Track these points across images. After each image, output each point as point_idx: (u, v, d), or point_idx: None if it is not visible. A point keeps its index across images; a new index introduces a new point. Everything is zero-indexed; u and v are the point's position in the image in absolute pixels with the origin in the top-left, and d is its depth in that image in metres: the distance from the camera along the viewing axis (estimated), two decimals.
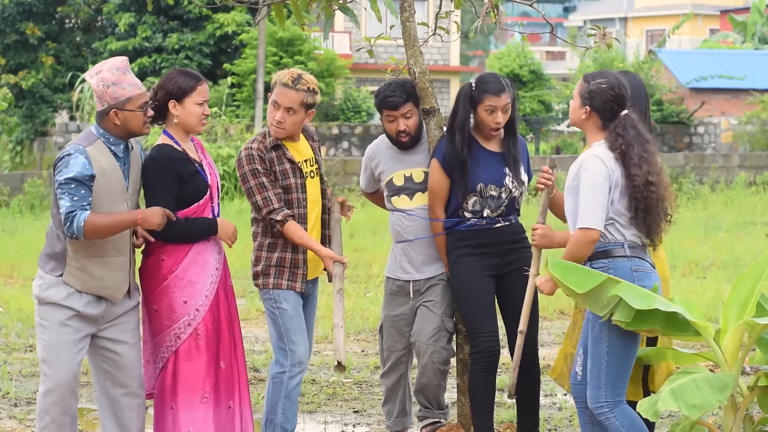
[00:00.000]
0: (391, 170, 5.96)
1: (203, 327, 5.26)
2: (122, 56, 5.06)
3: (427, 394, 5.96)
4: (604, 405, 4.85)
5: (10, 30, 28.46)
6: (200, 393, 5.26)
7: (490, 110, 5.61)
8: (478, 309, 5.65)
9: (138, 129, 5.01)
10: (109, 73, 4.95)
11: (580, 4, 70.29)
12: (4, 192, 20.68)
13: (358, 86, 32.56)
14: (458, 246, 5.71)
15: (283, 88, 5.53)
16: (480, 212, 5.68)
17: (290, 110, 5.53)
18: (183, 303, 5.24)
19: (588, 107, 4.95)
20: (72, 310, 4.97)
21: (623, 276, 4.85)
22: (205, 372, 5.27)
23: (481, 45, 61.40)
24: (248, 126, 24.30)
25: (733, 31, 43.26)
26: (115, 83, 4.93)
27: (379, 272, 12.49)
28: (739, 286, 4.90)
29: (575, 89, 5.02)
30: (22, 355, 8.70)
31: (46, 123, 29.11)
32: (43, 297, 4.98)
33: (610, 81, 4.95)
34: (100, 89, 4.93)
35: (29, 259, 13.47)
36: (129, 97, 4.95)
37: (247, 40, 27.40)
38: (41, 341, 5.02)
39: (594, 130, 4.99)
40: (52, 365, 4.99)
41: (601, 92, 4.92)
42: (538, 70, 33.21)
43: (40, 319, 5.02)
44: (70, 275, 4.96)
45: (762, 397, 5.10)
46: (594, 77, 4.98)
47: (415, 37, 5.94)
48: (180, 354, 5.23)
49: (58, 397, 5.00)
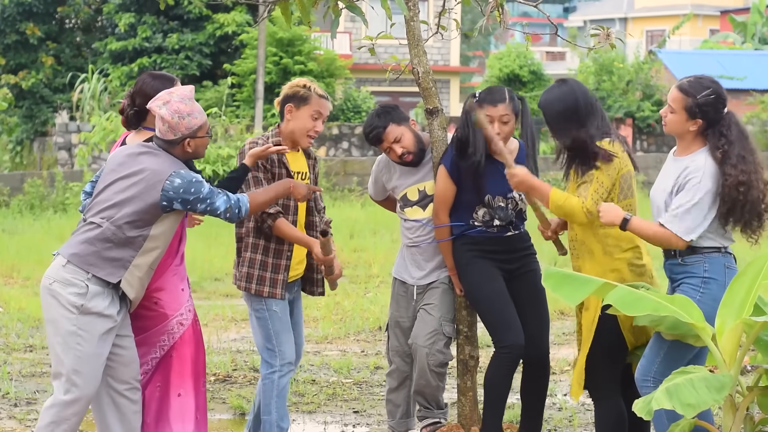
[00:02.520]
0: (404, 185, 5.98)
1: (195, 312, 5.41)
2: (189, 86, 5.17)
3: (425, 395, 5.97)
4: (650, 380, 4.94)
5: (11, 30, 28.49)
6: (203, 377, 5.39)
7: (489, 117, 5.60)
8: (499, 305, 5.65)
9: (203, 154, 5.18)
10: (182, 104, 5.03)
11: (580, 4, 70.32)
12: (4, 192, 20.69)
13: (358, 86, 32.57)
14: (469, 249, 5.72)
15: (322, 99, 5.63)
16: (490, 221, 5.71)
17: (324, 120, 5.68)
18: (181, 291, 5.35)
19: (700, 120, 4.98)
20: (111, 319, 4.99)
21: (716, 271, 4.98)
22: (203, 357, 5.40)
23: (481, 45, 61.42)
24: (248, 126, 24.32)
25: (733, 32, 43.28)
26: (189, 114, 5.04)
27: (379, 272, 12.49)
28: (737, 285, 4.91)
29: (675, 103, 5.00)
30: (22, 355, 8.70)
31: (46, 123, 29.13)
32: (88, 307, 4.94)
33: (714, 89, 4.99)
34: (174, 121, 5.00)
35: (29, 259, 13.48)
36: (200, 125, 5.07)
37: (247, 41, 27.42)
38: (75, 351, 4.95)
39: (694, 137, 5.04)
40: (84, 377, 4.97)
41: (712, 104, 4.97)
42: (538, 70, 33.24)
43: (77, 329, 4.94)
44: (127, 283, 5.00)
45: (761, 397, 5.10)
46: (695, 89, 4.98)
47: (419, 36, 5.94)
48: (185, 340, 5.32)
49: (82, 407, 5.01)
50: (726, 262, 5.02)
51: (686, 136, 5.05)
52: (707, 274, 4.98)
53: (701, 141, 5.04)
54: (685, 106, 4.98)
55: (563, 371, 8.05)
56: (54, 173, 21.24)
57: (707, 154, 4.98)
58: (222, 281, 12.13)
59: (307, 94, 5.60)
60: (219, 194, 5.05)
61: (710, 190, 4.93)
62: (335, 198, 21.22)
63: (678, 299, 4.81)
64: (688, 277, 5.02)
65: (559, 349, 8.77)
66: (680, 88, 5.02)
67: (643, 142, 30.95)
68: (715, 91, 4.99)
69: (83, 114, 26.99)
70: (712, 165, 4.95)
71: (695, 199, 4.92)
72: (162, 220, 5.00)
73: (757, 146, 5.06)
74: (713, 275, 4.98)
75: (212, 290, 11.83)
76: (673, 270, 5.08)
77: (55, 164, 26.20)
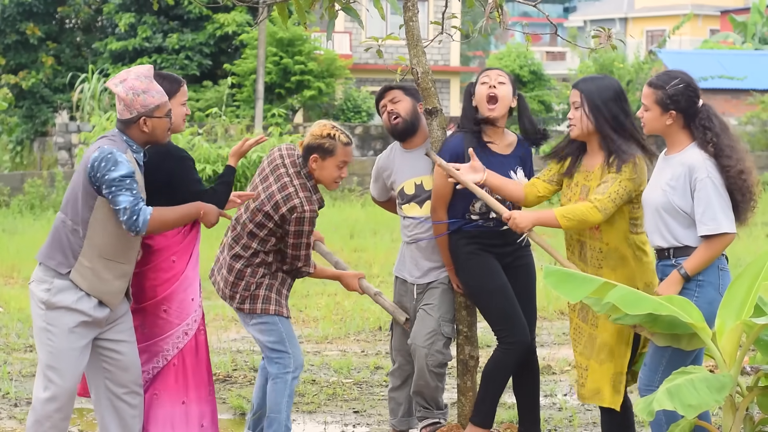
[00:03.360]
0: (402, 179, 6.00)
1: (202, 322, 5.38)
2: (147, 65, 5.10)
3: (424, 395, 5.97)
4: (656, 389, 4.88)
5: (11, 30, 28.49)
6: (208, 386, 5.38)
7: (483, 83, 5.68)
8: (507, 301, 5.65)
9: (162, 136, 5.06)
10: (137, 81, 4.97)
11: (580, 4, 70.29)
12: (4, 192, 20.69)
13: (358, 86, 32.58)
14: (466, 244, 5.72)
15: (347, 147, 5.63)
16: (486, 213, 5.69)
17: None
18: (191, 300, 5.34)
19: (673, 111, 4.97)
20: (82, 314, 4.95)
21: (711, 273, 4.95)
22: (208, 366, 5.39)
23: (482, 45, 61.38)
24: (248, 126, 24.31)
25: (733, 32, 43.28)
26: (144, 91, 4.96)
27: (379, 272, 12.48)
28: (736, 286, 4.91)
29: (647, 99, 5.00)
30: (22, 355, 8.70)
31: (46, 123, 29.13)
32: (53, 302, 4.95)
33: (682, 78, 4.99)
34: (129, 98, 4.95)
35: (29, 259, 13.47)
36: (157, 104, 4.99)
37: (248, 41, 27.42)
38: (46, 347, 4.98)
39: (678, 132, 5.02)
40: (59, 372, 4.97)
41: (682, 92, 4.97)
42: (538, 70, 33.25)
43: (46, 325, 4.97)
44: (77, 273, 4.94)
45: (762, 397, 5.10)
46: (663, 81, 4.98)
47: (418, 37, 5.94)
48: (188, 350, 5.32)
49: (63, 403, 5.00)
50: (719, 264, 4.99)
51: (669, 132, 5.02)
52: (702, 277, 4.95)
53: (687, 136, 5.01)
54: (656, 99, 4.98)
55: (563, 371, 8.05)
56: (54, 173, 21.25)
57: (698, 149, 4.96)
58: None
59: (332, 146, 5.58)
60: (129, 191, 4.85)
61: (720, 181, 4.91)
62: (335, 198, 21.21)
63: (677, 300, 4.81)
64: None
65: (559, 349, 8.76)
66: (650, 83, 5.02)
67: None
68: (683, 80, 4.98)
69: (83, 114, 26.98)
70: (708, 159, 4.93)
71: (714, 193, 4.88)
72: (101, 204, 4.91)
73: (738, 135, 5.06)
74: (708, 278, 4.96)
75: (212, 290, 11.73)
76: (666, 272, 5.04)
77: (56, 164, 26.19)
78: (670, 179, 4.97)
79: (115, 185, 4.83)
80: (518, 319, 5.63)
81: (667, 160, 5.07)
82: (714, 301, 4.92)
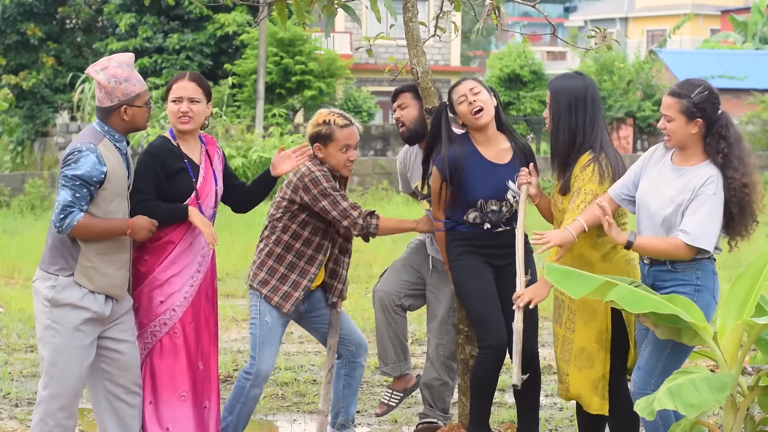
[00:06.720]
0: (417, 177, 6.08)
1: (180, 327, 5.32)
2: (128, 53, 5.09)
3: (432, 390, 5.99)
4: (650, 392, 4.88)
5: (11, 30, 28.48)
6: (178, 391, 5.33)
7: (461, 101, 5.64)
8: (483, 303, 5.64)
9: (142, 124, 5.09)
10: (119, 69, 4.98)
11: (581, 4, 70.31)
12: (5, 192, 20.70)
13: (359, 86, 32.58)
14: (459, 245, 5.72)
15: (345, 129, 5.63)
16: (480, 225, 5.69)
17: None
18: (159, 302, 5.31)
19: (699, 119, 4.88)
20: (88, 310, 4.96)
21: (707, 278, 4.94)
22: (182, 371, 5.33)
23: (482, 45, 61.42)
24: (249, 126, 24.31)
25: (733, 31, 43.32)
26: (126, 79, 4.97)
27: (379, 272, 12.45)
28: (738, 285, 4.91)
29: (670, 110, 4.90)
30: (22, 355, 8.71)
31: (46, 123, 29.14)
32: (58, 299, 4.95)
33: (705, 85, 4.92)
34: (111, 85, 4.95)
35: (30, 259, 13.47)
36: (138, 93, 5.00)
37: (248, 41, 27.42)
38: (50, 344, 4.98)
39: (697, 142, 4.94)
40: (62, 369, 4.97)
41: (707, 99, 4.88)
42: (538, 70, 33.24)
43: (51, 322, 4.97)
44: (81, 275, 4.95)
45: (762, 397, 5.10)
46: (687, 89, 4.89)
47: (418, 37, 5.95)
48: (156, 352, 5.31)
49: (66, 401, 5.00)
50: (713, 268, 4.98)
51: (689, 143, 4.94)
52: (699, 282, 4.94)
53: (702, 147, 4.94)
54: (681, 108, 4.88)
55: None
56: (55, 173, 21.26)
57: (712, 164, 4.90)
58: (223, 281, 12.11)
59: (329, 131, 5.61)
60: (73, 192, 4.85)
61: (722, 198, 4.88)
62: None
63: (678, 299, 4.81)
64: (679, 285, 4.95)
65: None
66: (672, 93, 4.92)
67: (644, 142, 30.97)
68: (706, 87, 4.91)
69: (84, 114, 27.00)
70: (719, 174, 4.88)
71: (714, 210, 4.85)
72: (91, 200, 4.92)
73: (750, 148, 5.02)
74: (704, 282, 4.95)
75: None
76: (659, 277, 5.01)
77: (56, 164, 26.20)
78: (680, 198, 4.90)
79: (65, 181, 4.86)
80: (494, 323, 5.58)
81: (677, 171, 4.98)
82: (710, 306, 4.93)
